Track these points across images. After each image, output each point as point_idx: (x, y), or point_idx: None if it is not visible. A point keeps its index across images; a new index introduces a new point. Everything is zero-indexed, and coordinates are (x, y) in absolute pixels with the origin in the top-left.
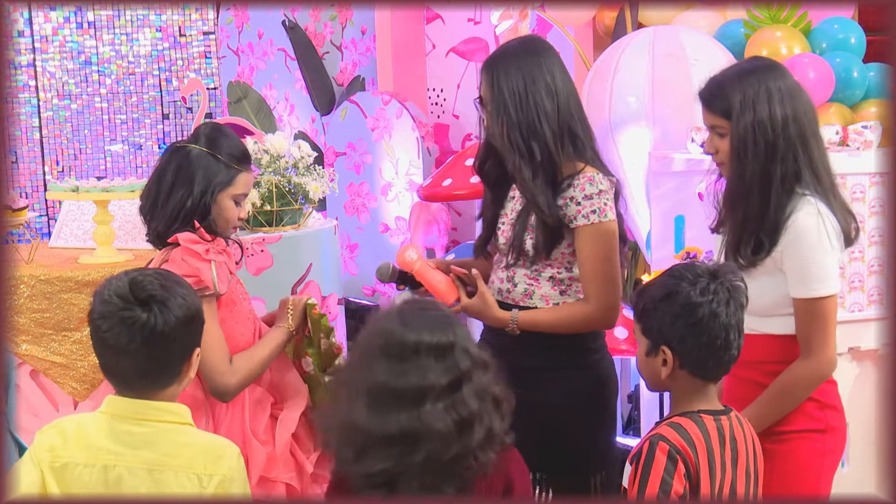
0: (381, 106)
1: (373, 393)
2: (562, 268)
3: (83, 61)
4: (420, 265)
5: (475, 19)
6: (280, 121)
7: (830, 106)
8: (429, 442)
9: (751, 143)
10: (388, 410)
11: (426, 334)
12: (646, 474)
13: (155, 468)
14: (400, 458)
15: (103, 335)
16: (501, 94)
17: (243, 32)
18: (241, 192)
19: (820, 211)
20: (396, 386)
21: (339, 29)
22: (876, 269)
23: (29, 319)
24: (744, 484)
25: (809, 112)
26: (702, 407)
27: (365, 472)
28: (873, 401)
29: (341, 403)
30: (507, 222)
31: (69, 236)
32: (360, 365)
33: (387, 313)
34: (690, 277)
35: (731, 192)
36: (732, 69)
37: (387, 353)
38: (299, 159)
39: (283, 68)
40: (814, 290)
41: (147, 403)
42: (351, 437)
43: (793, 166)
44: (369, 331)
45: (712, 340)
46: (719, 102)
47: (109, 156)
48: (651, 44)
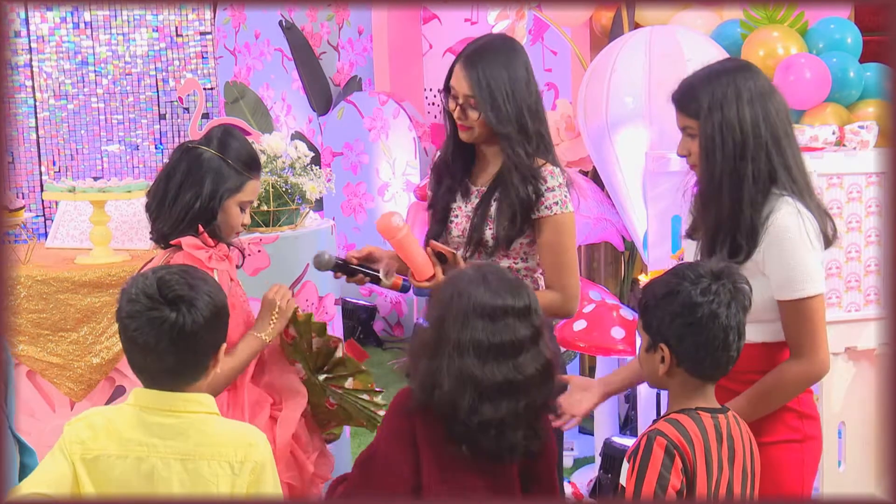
0: (378, 106)
1: (479, 348)
2: (518, 259)
3: (80, 61)
4: (405, 233)
5: (472, 19)
6: (277, 121)
7: (827, 106)
8: (529, 389)
9: (719, 142)
10: (491, 362)
11: (510, 299)
12: (643, 469)
13: (187, 458)
14: (508, 405)
15: (132, 334)
16: (489, 87)
17: (240, 33)
18: (248, 199)
19: (800, 210)
20: (495, 342)
21: (335, 29)
22: (873, 269)
23: (25, 320)
24: (740, 483)
25: (782, 112)
26: (699, 405)
27: (486, 419)
28: (870, 401)
29: (447, 358)
30: (462, 214)
31: (66, 237)
32: (456, 324)
33: (472, 279)
34: (693, 277)
35: (702, 193)
36: (704, 70)
37: (481, 315)
38: (296, 159)
39: (279, 68)
40: (800, 291)
41: (175, 395)
42: (469, 388)
43: (766, 166)
44: (457, 293)
45: (710, 341)
46: (690, 103)
47: (106, 156)
48: (648, 44)
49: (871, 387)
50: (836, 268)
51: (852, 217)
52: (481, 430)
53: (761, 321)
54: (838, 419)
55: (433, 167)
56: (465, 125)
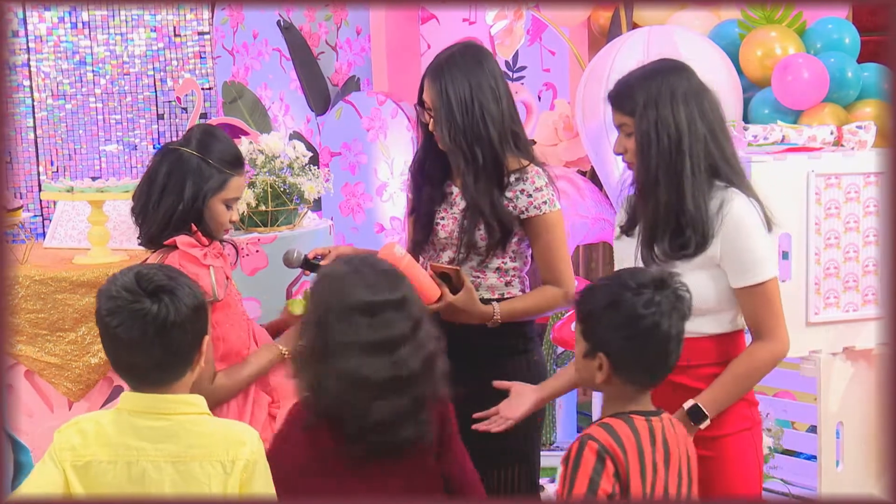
0: (377, 106)
1: (362, 347)
2: (506, 258)
3: (78, 61)
4: (408, 261)
5: (470, 19)
6: (275, 121)
7: (825, 106)
8: (411, 382)
9: (654, 138)
10: (375, 359)
11: (387, 292)
12: (574, 473)
13: (178, 460)
14: (396, 400)
15: (115, 331)
16: (449, 101)
17: (238, 32)
18: (233, 196)
19: (750, 200)
20: (375, 338)
21: (334, 29)
22: (871, 269)
23: (23, 320)
24: (676, 485)
25: (716, 110)
26: (634, 409)
27: (378, 420)
28: (868, 401)
29: (333, 362)
30: (448, 217)
31: (64, 237)
32: (337, 325)
33: (345, 275)
34: (635, 287)
35: (640, 189)
36: (639, 70)
37: (361, 312)
38: (294, 159)
39: (278, 68)
40: (759, 275)
41: (163, 397)
42: (357, 390)
43: (706, 159)
44: (335, 293)
45: (650, 352)
46: (625, 101)
47: (104, 156)
48: (646, 44)
49: (869, 387)
50: (835, 268)
51: (850, 217)
52: (374, 429)
53: (714, 312)
54: (836, 419)
55: (411, 173)
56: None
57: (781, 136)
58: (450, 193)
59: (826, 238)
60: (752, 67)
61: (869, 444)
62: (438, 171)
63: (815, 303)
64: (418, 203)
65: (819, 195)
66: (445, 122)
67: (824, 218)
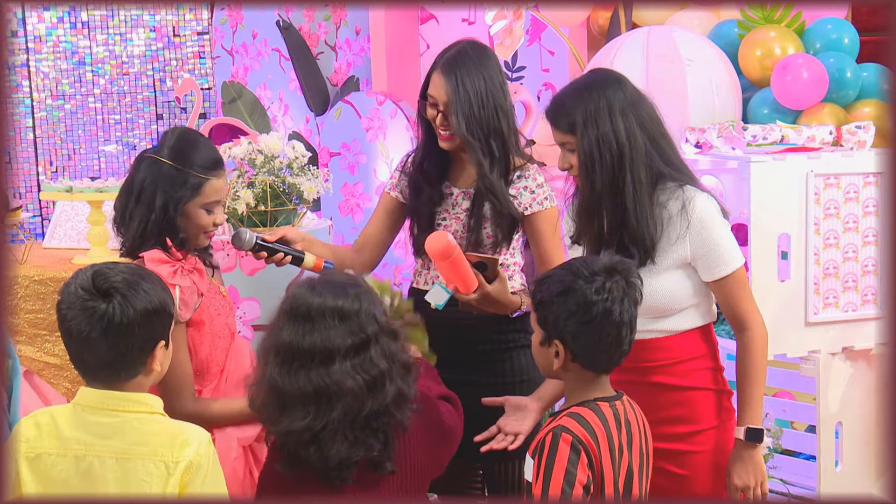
0: (376, 106)
1: (282, 353)
2: (507, 254)
3: (77, 61)
4: (458, 251)
5: (469, 19)
6: (274, 121)
7: (824, 106)
8: (342, 398)
9: (597, 156)
10: (298, 369)
11: (330, 299)
12: (549, 466)
13: (122, 457)
14: (317, 414)
15: (68, 325)
16: (466, 93)
17: (237, 33)
18: (211, 199)
19: (707, 195)
20: (303, 346)
21: (333, 29)
22: (870, 269)
23: (23, 320)
24: (638, 463)
25: (654, 117)
26: (597, 395)
27: (288, 429)
28: (867, 400)
29: (260, 366)
30: (451, 217)
31: (63, 237)
32: (271, 328)
33: (301, 282)
34: (587, 274)
35: (584, 205)
36: (572, 86)
37: (293, 314)
38: (293, 160)
39: (277, 68)
40: (732, 265)
41: (116, 394)
42: (272, 396)
43: (647, 172)
44: (282, 298)
45: (604, 338)
46: (563, 119)
47: (103, 156)
48: (645, 44)
49: (868, 387)
50: (834, 268)
51: (849, 217)
52: (297, 442)
53: (685, 308)
54: (835, 419)
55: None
56: (446, 134)
57: (780, 136)
58: (449, 195)
59: (825, 238)
60: (751, 67)
61: (868, 444)
62: (437, 171)
63: (814, 303)
64: (417, 205)
65: (818, 195)
66: (462, 113)
67: (823, 218)
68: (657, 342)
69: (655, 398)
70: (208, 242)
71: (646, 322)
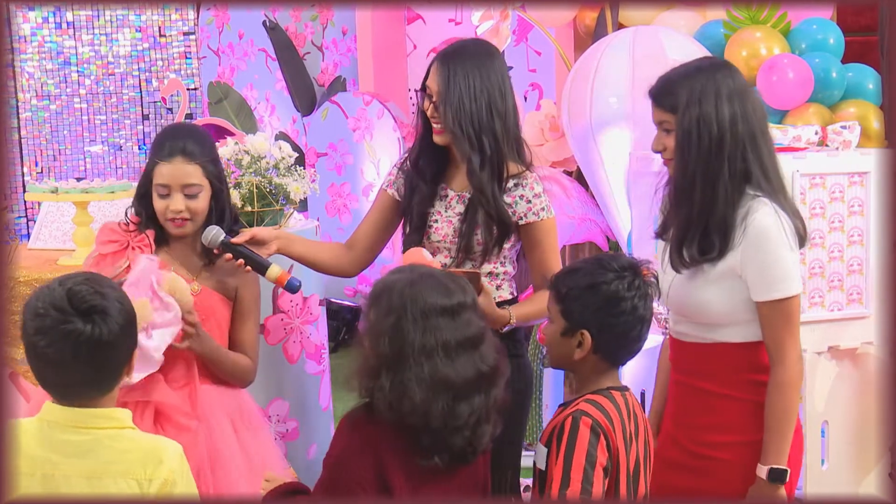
0: (363, 106)
1: (447, 348)
2: (497, 263)
3: (62, 62)
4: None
5: (456, 20)
6: (261, 121)
7: (809, 106)
8: (492, 379)
9: (695, 137)
10: (461, 359)
11: (460, 294)
12: (570, 448)
13: (93, 476)
14: (479, 400)
15: (43, 351)
16: (457, 84)
17: (224, 33)
18: (160, 182)
19: (776, 210)
20: (460, 338)
21: (319, 29)
22: (855, 268)
23: (8, 322)
24: (643, 455)
25: (759, 112)
26: (609, 385)
27: (458, 423)
28: (853, 399)
29: (415, 368)
30: (443, 219)
31: (48, 238)
32: (417, 330)
33: (414, 282)
34: (617, 269)
35: (675, 188)
36: (682, 67)
37: (442, 314)
38: (280, 160)
39: (263, 69)
40: (780, 291)
41: (85, 412)
42: (440, 391)
43: (741, 164)
44: (408, 300)
45: (628, 332)
46: (667, 98)
47: (89, 157)
48: (631, 44)
49: (853, 386)
50: (819, 267)
51: (835, 217)
52: (456, 432)
53: (738, 323)
54: (821, 418)
55: (405, 175)
56: (438, 127)
57: None
58: (445, 196)
59: (811, 238)
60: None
61: (854, 443)
62: (432, 170)
63: None
64: (410, 202)
65: (804, 195)
66: (451, 105)
67: (809, 218)
68: (711, 348)
69: (698, 402)
70: (177, 231)
71: (701, 329)
